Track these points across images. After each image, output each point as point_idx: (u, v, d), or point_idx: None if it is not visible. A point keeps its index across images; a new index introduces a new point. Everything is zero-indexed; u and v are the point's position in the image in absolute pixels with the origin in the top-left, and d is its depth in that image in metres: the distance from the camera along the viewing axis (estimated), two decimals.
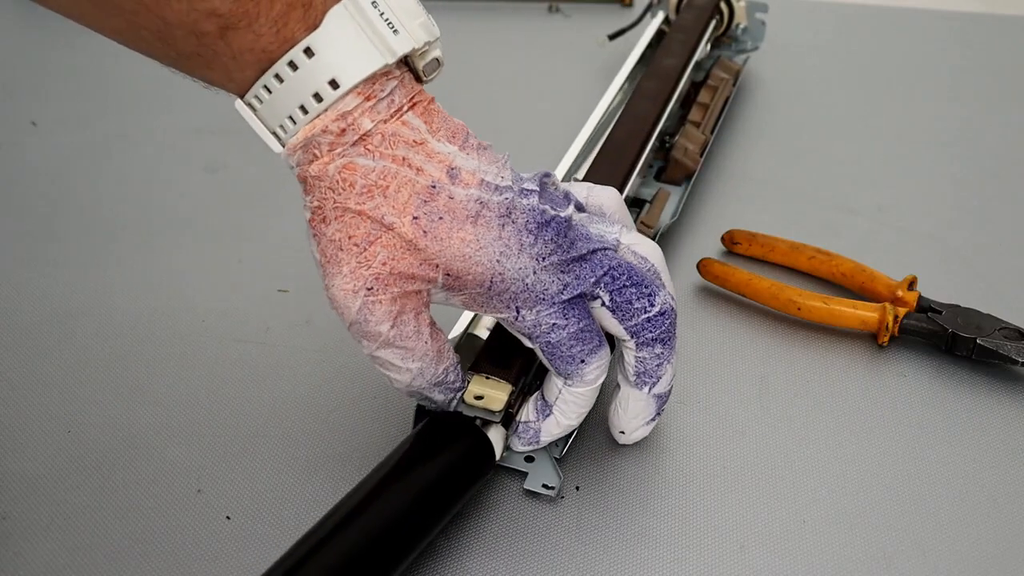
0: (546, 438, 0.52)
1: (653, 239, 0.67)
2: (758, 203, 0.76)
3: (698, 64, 0.83)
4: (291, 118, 0.44)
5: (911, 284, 0.63)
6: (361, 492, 0.46)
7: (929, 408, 0.58)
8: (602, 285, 0.48)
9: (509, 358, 0.52)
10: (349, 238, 0.45)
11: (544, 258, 0.46)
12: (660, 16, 0.89)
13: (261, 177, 0.80)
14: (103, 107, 0.89)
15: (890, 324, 0.61)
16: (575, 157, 0.69)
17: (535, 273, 0.46)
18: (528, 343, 0.49)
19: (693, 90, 0.82)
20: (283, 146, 0.45)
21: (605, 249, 0.49)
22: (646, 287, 0.48)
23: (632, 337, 0.49)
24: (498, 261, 0.46)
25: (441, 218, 0.45)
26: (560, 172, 0.67)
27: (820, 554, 0.50)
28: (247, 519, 0.51)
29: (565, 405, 0.51)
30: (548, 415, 0.51)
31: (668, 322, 0.49)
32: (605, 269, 0.48)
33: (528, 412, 0.52)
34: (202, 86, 0.47)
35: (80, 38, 1.01)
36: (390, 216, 0.45)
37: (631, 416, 0.52)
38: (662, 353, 0.50)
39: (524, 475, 0.53)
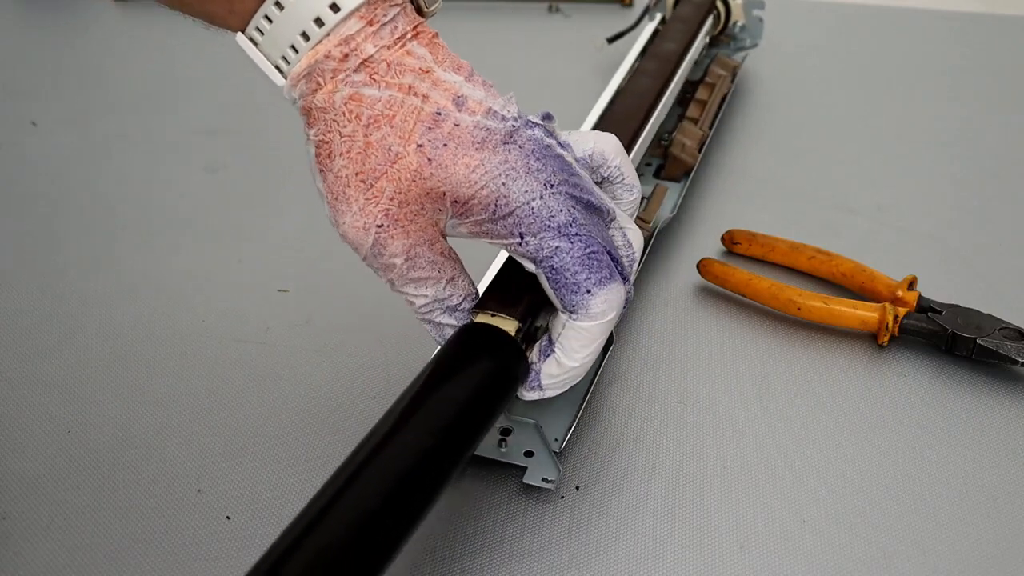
0: (547, 381, 0.49)
1: (651, 235, 0.67)
2: (758, 203, 0.76)
3: (696, 62, 0.83)
4: (293, 47, 0.44)
5: (911, 284, 0.63)
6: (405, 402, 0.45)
7: (929, 408, 0.58)
8: (604, 249, 0.47)
9: (515, 297, 0.50)
10: (356, 174, 0.45)
11: (553, 185, 0.46)
12: (657, 18, 0.89)
13: (261, 177, 0.80)
14: (103, 107, 0.89)
15: (890, 324, 0.61)
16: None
17: (541, 198, 0.45)
18: (532, 268, 0.47)
19: (691, 87, 0.82)
20: (285, 79, 0.45)
21: (603, 211, 0.48)
22: (628, 271, 0.49)
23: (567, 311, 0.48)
24: (503, 184, 0.45)
25: (446, 145, 0.45)
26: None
27: (820, 554, 0.50)
28: (247, 519, 0.51)
29: (567, 342, 0.48)
30: (549, 354, 0.49)
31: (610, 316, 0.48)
32: (605, 237, 0.47)
33: (532, 355, 0.50)
34: (203, 26, 0.47)
35: (80, 38, 1.02)
36: (396, 146, 0.44)
37: (566, 378, 0.49)
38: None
39: (523, 471, 0.53)
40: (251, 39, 0.45)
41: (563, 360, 0.48)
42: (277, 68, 0.45)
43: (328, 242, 0.71)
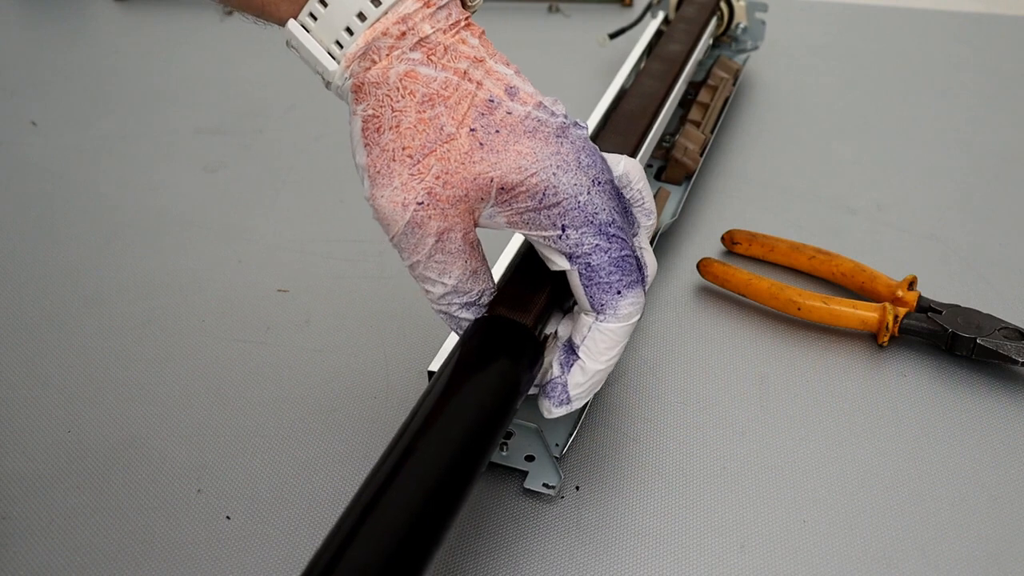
0: (575, 390, 0.49)
1: (653, 238, 0.67)
2: (758, 203, 0.76)
3: (698, 63, 0.83)
4: (348, 29, 0.44)
5: (911, 284, 0.63)
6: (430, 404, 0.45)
7: (929, 408, 0.58)
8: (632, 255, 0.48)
9: (527, 303, 0.50)
10: (403, 148, 0.45)
11: (600, 183, 0.46)
12: (660, 16, 0.89)
13: (261, 177, 0.80)
14: (103, 107, 0.89)
15: (890, 324, 0.61)
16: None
17: (588, 193, 0.46)
18: (565, 265, 0.47)
19: (693, 89, 0.82)
20: (338, 63, 0.45)
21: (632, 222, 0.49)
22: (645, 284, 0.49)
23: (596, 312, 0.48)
24: (554, 174, 0.45)
25: (498, 131, 0.45)
26: None
27: (820, 554, 0.50)
28: (247, 519, 0.51)
29: (594, 344, 0.48)
30: (573, 363, 0.49)
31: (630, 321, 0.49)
32: (633, 245, 0.48)
33: (553, 370, 0.50)
34: (252, 21, 0.47)
35: (80, 38, 1.02)
36: (449, 126, 0.45)
37: (593, 383, 0.49)
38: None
39: (524, 475, 0.53)
40: (303, 26, 0.45)
41: (588, 364, 0.48)
42: (329, 54, 0.46)
43: (328, 242, 0.71)
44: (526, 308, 0.49)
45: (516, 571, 0.49)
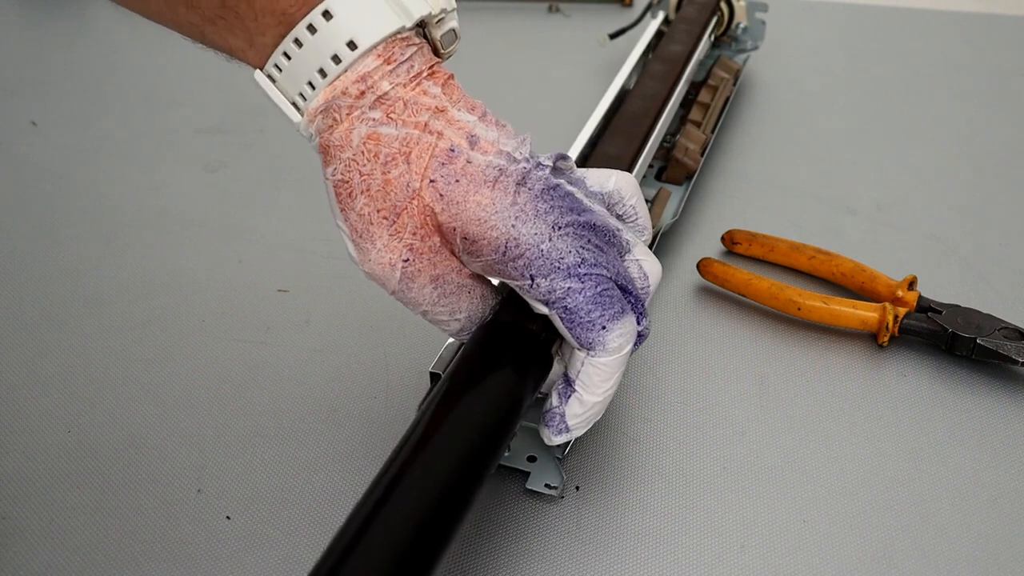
0: (573, 421, 0.49)
1: (654, 239, 0.67)
2: (758, 203, 0.76)
3: (699, 63, 0.83)
4: (311, 83, 0.45)
5: (911, 284, 0.63)
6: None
7: (929, 408, 0.58)
8: (615, 284, 0.47)
9: (531, 314, 0.50)
10: (378, 211, 0.45)
11: (560, 227, 0.46)
12: (660, 16, 0.89)
13: (261, 177, 0.80)
14: (103, 107, 0.89)
15: (890, 324, 0.61)
16: (575, 157, 0.69)
17: (550, 240, 0.46)
18: (544, 310, 0.47)
19: (693, 90, 0.82)
20: (302, 115, 0.46)
21: (620, 243, 0.49)
22: (642, 305, 0.49)
23: (582, 347, 0.48)
24: (513, 226, 0.45)
25: (458, 181, 0.45)
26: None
27: (820, 554, 0.50)
28: (247, 519, 0.51)
29: (588, 379, 0.48)
30: (570, 395, 0.49)
31: (640, 344, 0.49)
32: (617, 269, 0.47)
33: (552, 399, 0.50)
34: (224, 59, 0.48)
35: (80, 38, 1.02)
36: (414, 182, 0.45)
37: (590, 415, 0.49)
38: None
39: (526, 475, 0.53)
40: (269, 76, 0.46)
41: (585, 397, 0.48)
42: (294, 105, 0.46)
43: (328, 242, 0.71)
44: (531, 320, 0.49)
45: (516, 571, 0.49)
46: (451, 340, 0.54)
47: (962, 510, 0.52)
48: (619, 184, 0.50)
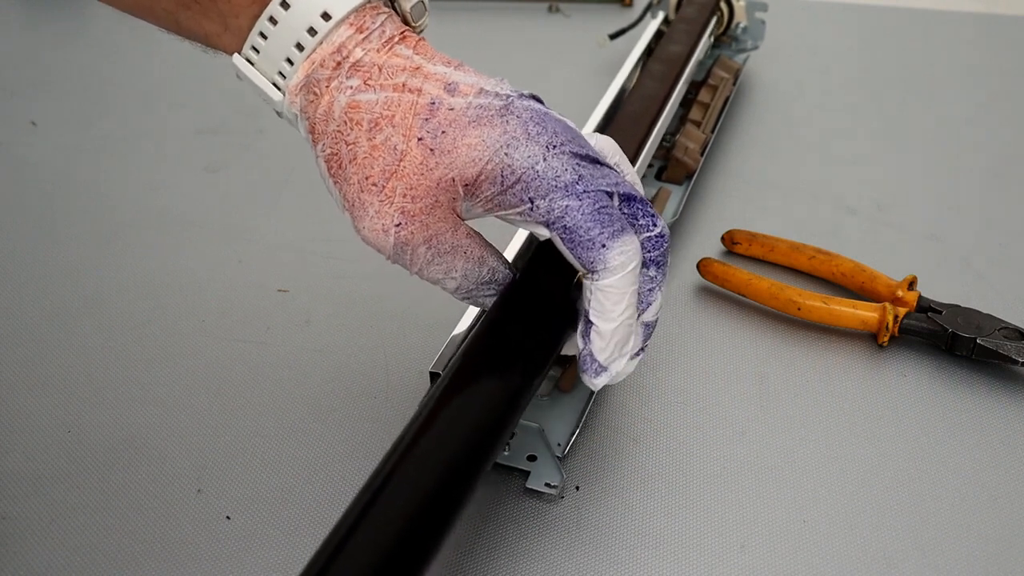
0: (602, 356, 0.48)
1: None
2: (758, 203, 0.76)
3: (699, 63, 0.83)
4: (288, 60, 0.45)
5: (911, 284, 0.63)
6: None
7: (929, 408, 0.58)
8: (616, 194, 0.47)
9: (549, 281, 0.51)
10: (367, 178, 0.45)
11: (555, 146, 0.46)
12: (660, 16, 0.89)
13: (261, 177, 0.80)
14: (103, 107, 0.89)
15: (890, 324, 0.61)
16: None
17: (544, 160, 0.46)
18: (546, 233, 0.47)
19: (693, 89, 0.82)
20: (283, 94, 0.46)
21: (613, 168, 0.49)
22: (651, 208, 0.48)
23: None
24: (506, 154, 0.45)
25: (444, 131, 0.45)
26: None
27: (820, 554, 0.50)
28: (247, 519, 0.51)
29: (600, 306, 0.47)
30: (589, 330, 0.48)
31: (665, 246, 0.49)
32: (616, 180, 0.47)
33: (578, 344, 0.49)
34: (201, 49, 0.48)
35: (80, 38, 1.02)
36: (400, 144, 0.45)
37: (614, 343, 0.49)
38: (655, 276, 0.49)
39: (526, 475, 0.53)
40: (247, 60, 0.46)
41: (602, 327, 0.48)
42: (275, 86, 0.47)
43: (328, 242, 0.71)
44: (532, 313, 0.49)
45: (516, 571, 0.49)
46: (451, 339, 0.54)
47: (962, 510, 0.52)
48: (601, 144, 0.50)
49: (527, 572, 0.49)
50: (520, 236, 0.60)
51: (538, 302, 0.50)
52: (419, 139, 0.45)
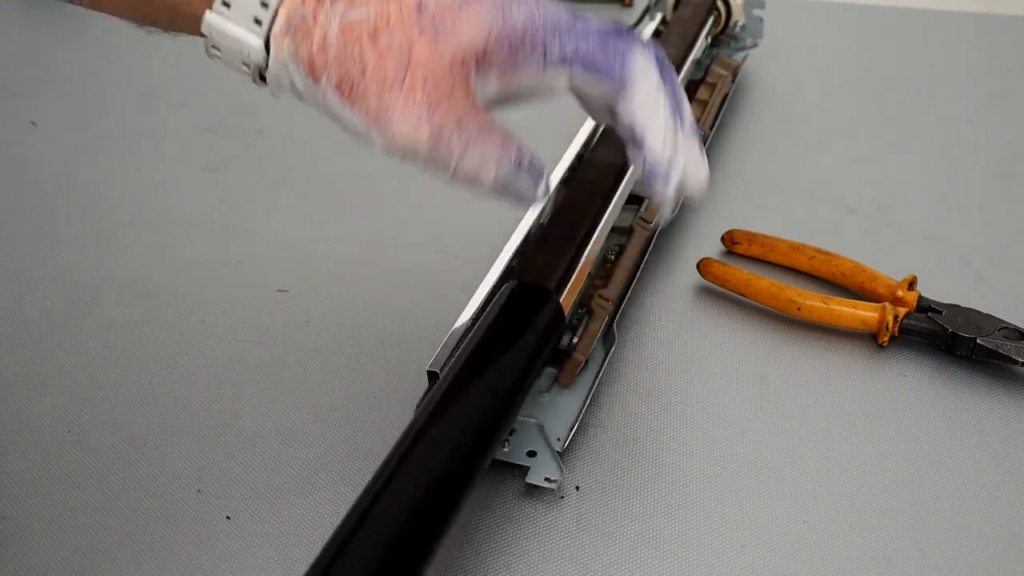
0: (666, 154, 0.49)
1: (652, 235, 0.67)
2: (757, 202, 0.76)
3: (696, 61, 0.83)
4: (263, 3, 0.45)
5: (911, 284, 0.63)
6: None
7: (929, 408, 0.58)
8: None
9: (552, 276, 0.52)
10: (384, 82, 0.45)
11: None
12: (658, 17, 0.89)
13: (261, 177, 0.80)
14: (103, 107, 0.89)
15: (890, 324, 0.61)
16: (570, 160, 0.69)
17: (539, 8, 0.46)
18: (565, 76, 0.48)
19: (692, 87, 0.82)
20: (265, 46, 0.45)
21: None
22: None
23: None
24: (503, 18, 0.46)
25: (441, 18, 0.45)
26: (559, 173, 0.67)
27: (820, 554, 0.50)
28: (247, 519, 0.51)
29: (643, 117, 0.48)
30: (642, 144, 0.48)
31: (662, 49, 0.50)
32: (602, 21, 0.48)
33: (637, 169, 0.50)
34: (171, 36, 0.48)
35: (80, 38, 1.02)
36: (404, 42, 0.45)
37: (668, 140, 0.49)
38: (668, 76, 0.49)
39: (524, 471, 0.52)
40: (220, 15, 0.46)
41: (650, 129, 0.48)
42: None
43: (328, 242, 0.71)
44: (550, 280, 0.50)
45: (516, 571, 0.49)
46: (448, 338, 0.54)
47: (962, 510, 0.52)
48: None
49: (527, 572, 0.49)
50: (520, 232, 0.59)
51: (533, 303, 0.50)
52: (420, 32, 0.45)
